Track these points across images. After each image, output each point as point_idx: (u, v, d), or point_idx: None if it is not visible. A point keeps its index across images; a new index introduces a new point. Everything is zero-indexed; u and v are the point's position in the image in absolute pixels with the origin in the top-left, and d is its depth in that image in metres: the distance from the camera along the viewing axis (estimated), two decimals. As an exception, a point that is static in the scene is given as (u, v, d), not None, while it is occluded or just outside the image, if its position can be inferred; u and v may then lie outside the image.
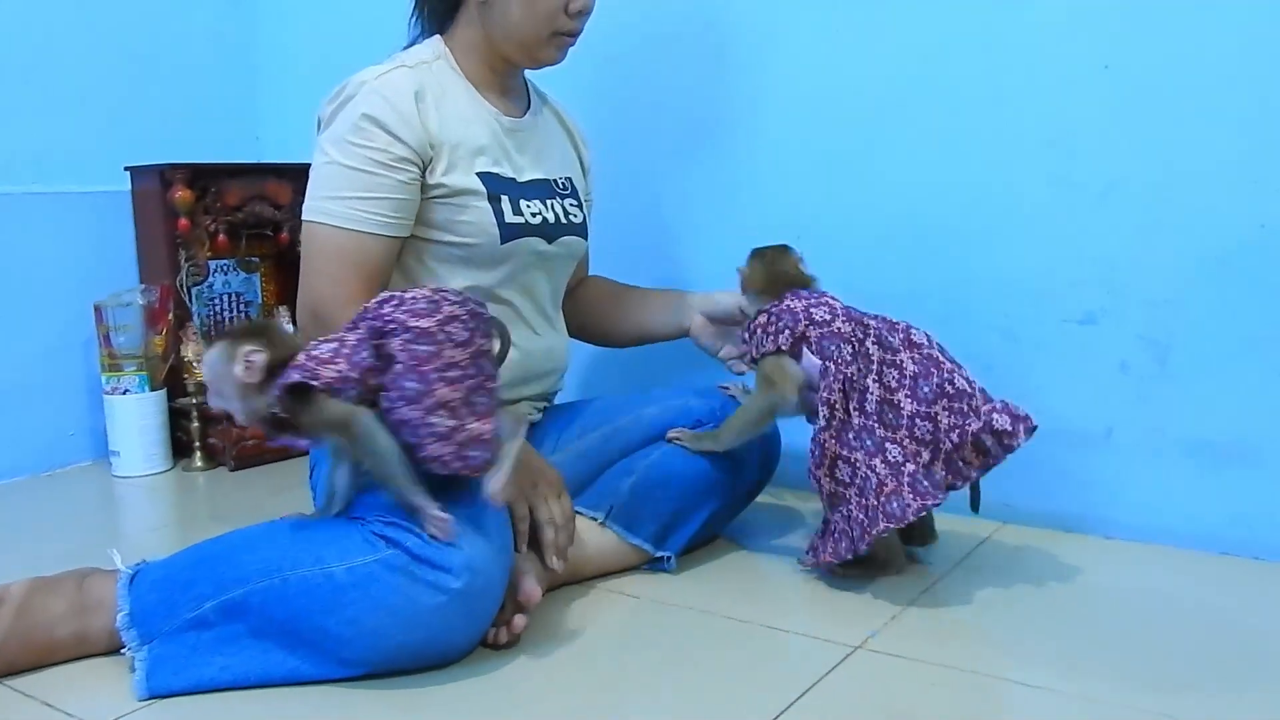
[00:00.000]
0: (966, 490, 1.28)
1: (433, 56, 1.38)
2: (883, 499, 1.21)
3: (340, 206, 1.28)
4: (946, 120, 1.55)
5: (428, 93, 1.33)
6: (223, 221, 1.98)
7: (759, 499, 1.54)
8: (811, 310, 1.31)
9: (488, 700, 1.04)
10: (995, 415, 1.22)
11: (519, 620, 1.14)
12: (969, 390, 1.25)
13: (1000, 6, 1.50)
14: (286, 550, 1.08)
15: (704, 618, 1.24)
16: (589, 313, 1.60)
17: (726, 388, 1.47)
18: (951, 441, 1.23)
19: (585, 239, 1.51)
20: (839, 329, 1.28)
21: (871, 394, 1.25)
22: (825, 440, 1.26)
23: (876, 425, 1.24)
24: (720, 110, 1.75)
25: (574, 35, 1.38)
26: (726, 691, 1.06)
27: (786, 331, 1.30)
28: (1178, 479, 1.43)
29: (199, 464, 1.95)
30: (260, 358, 1.05)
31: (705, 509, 1.39)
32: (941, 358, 1.27)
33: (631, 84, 1.82)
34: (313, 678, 1.07)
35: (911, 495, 1.20)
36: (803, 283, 1.37)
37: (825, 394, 1.26)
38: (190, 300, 2.00)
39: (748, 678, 1.09)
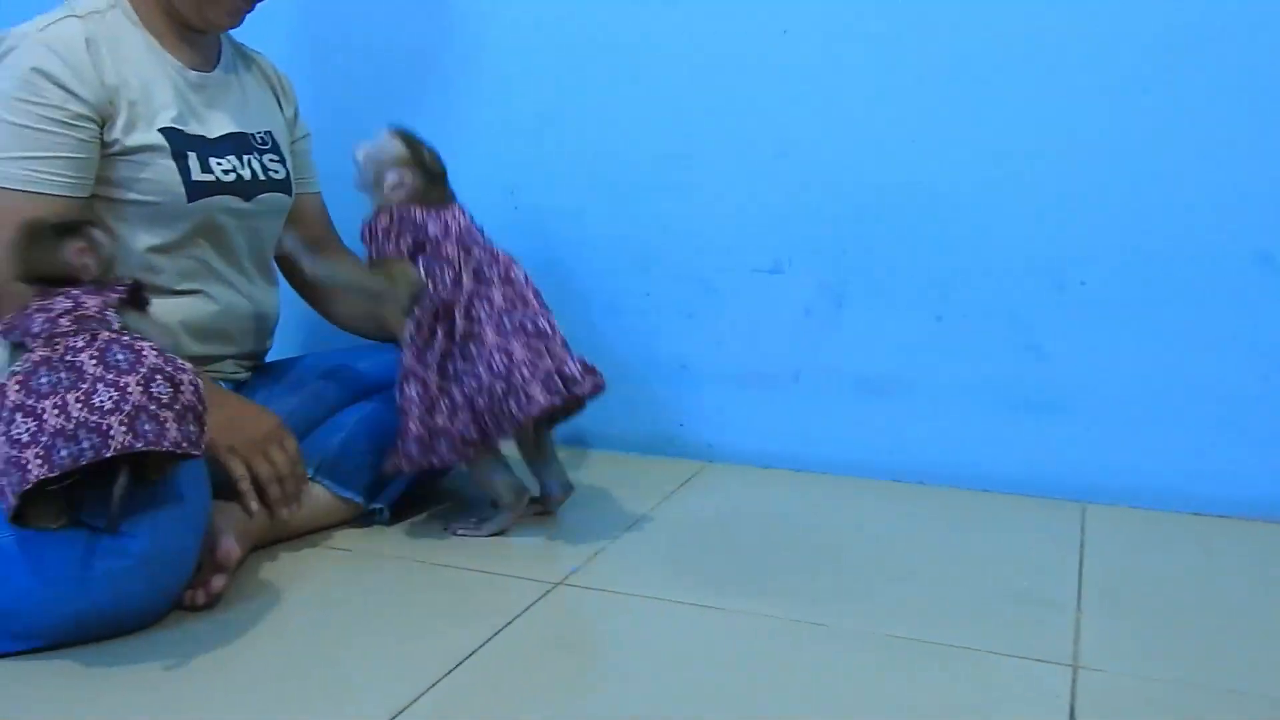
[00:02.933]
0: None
1: (107, 6, 1.30)
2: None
3: (14, 168, 1.19)
4: (637, 82, 1.62)
5: (101, 43, 1.25)
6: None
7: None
8: (430, 224, 1.32)
9: (178, 663, 1.02)
10: (568, 363, 1.29)
11: (217, 580, 1.13)
12: (550, 333, 1.31)
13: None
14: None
15: (415, 566, 1.27)
16: (318, 293, 1.56)
17: None
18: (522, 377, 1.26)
19: (289, 195, 1.47)
20: (447, 253, 1.30)
21: (457, 325, 1.29)
22: (406, 359, 1.30)
23: (458, 357, 1.28)
24: (440, 63, 1.74)
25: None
26: (427, 633, 1.09)
27: (408, 237, 1.31)
28: (853, 414, 1.58)
29: None
30: None
31: (419, 461, 1.41)
32: (530, 297, 1.32)
33: (341, 30, 1.78)
34: (-19, 654, 1.01)
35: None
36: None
37: (417, 312, 1.30)
38: None
39: (450, 619, 1.13)
